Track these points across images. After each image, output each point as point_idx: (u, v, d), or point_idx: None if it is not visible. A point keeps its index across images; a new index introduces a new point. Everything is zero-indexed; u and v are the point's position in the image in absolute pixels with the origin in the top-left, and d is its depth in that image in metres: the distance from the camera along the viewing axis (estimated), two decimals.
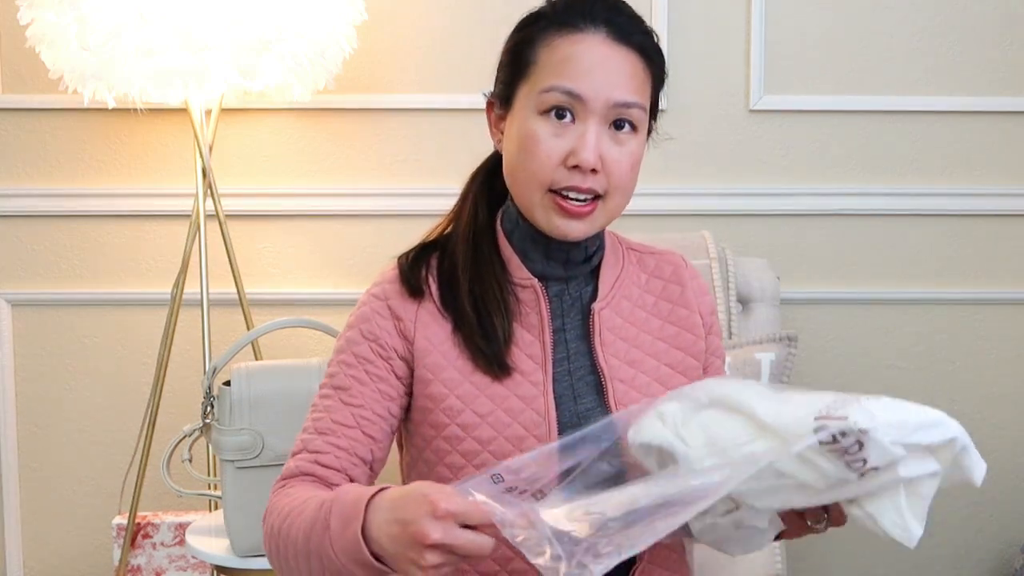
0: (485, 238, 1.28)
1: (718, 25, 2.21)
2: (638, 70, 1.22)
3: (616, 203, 1.23)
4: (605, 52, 1.20)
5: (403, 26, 2.19)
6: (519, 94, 1.23)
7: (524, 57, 1.23)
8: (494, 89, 1.29)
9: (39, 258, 2.23)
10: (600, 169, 1.19)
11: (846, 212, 2.24)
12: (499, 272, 1.26)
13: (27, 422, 2.25)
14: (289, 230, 2.23)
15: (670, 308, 1.32)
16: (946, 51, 2.22)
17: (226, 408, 1.71)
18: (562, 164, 1.19)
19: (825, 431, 0.94)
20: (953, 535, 2.31)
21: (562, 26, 1.21)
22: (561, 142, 1.19)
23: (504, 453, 1.21)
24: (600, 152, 1.19)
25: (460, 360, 1.23)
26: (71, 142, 2.21)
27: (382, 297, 1.27)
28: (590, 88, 1.18)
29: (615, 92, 1.19)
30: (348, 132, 2.21)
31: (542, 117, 1.20)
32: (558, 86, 1.18)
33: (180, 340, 2.12)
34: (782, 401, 1.03)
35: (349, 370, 1.25)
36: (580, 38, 1.20)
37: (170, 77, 1.81)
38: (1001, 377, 2.29)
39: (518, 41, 1.25)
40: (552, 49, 1.21)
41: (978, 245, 2.26)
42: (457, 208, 1.32)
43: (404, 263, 1.29)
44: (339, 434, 1.22)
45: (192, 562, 2.07)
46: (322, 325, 1.87)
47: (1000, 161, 2.25)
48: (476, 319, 1.23)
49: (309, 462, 1.21)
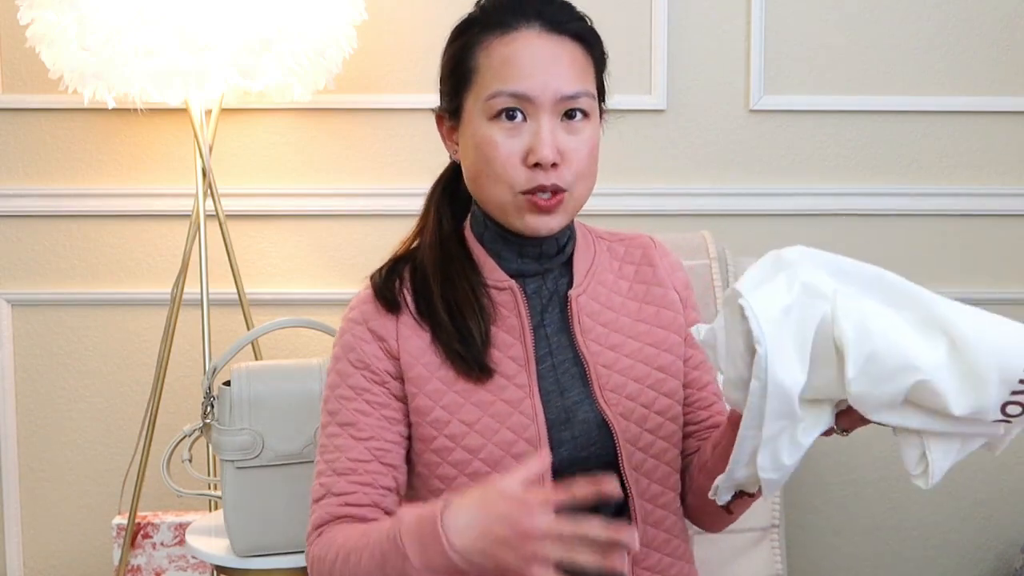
0: (452, 243, 1.28)
1: (718, 25, 2.21)
2: (578, 57, 1.22)
3: (580, 192, 1.24)
4: (542, 46, 1.20)
5: (403, 26, 2.19)
6: (466, 104, 1.23)
7: (464, 66, 1.23)
8: (440, 103, 1.29)
9: (39, 258, 2.23)
10: (560, 162, 1.19)
11: (846, 212, 2.24)
12: (470, 274, 1.26)
13: (27, 422, 2.25)
14: (289, 230, 2.23)
15: (645, 289, 1.32)
16: (946, 51, 2.22)
17: (226, 408, 1.71)
18: (523, 164, 1.19)
19: None
20: (953, 535, 2.31)
21: (496, 27, 1.21)
22: (517, 142, 1.19)
23: (495, 460, 1.21)
24: (557, 145, 1.19)
25: (442, 370, 1.23)
26: (71, 142, 2.21)
27: (360, 321, 1.27)
28: (535, 86, 1.18)
29: (561, 85, 1.19)
30: (348, 132, 2.21)
31: (493, 122, 1.20)
32: (503, 90, 1.19)
33: (180, 340, 2.12)
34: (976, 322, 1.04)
35: (350, 404, 1.25)
36: (515, 36, 1.20)
37: (170, 77, 1.81)
38: None
39: (455, 51, 1.25)
40: (490, 53, 1.21)
41: (978, 245, 2.26)
42: (421, 221, 1.33)
43: (377, 279, 1.29)
44: (359, 471, 1.22)
45: (192, 562, 2.07)
46: (322, 325, 1.86)
47: (1000, 161, 2.25)
48: (451, 323, 1.23)
49: (338, 505, 1.21)
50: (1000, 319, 1.05)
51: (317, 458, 1.27)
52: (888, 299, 1.05)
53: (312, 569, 1.21)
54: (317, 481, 1.25)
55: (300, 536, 1.70)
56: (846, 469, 2.28)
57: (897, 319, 1.03)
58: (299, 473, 1.70)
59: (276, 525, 1.70)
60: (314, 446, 1.69)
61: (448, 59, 1.27)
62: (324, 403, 1.28)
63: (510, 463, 1.20)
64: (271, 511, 1.70)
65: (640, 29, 2.19)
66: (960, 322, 1.02)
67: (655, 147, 2.22)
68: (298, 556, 1.72)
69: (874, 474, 2.28)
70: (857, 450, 2.27)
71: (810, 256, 1.06)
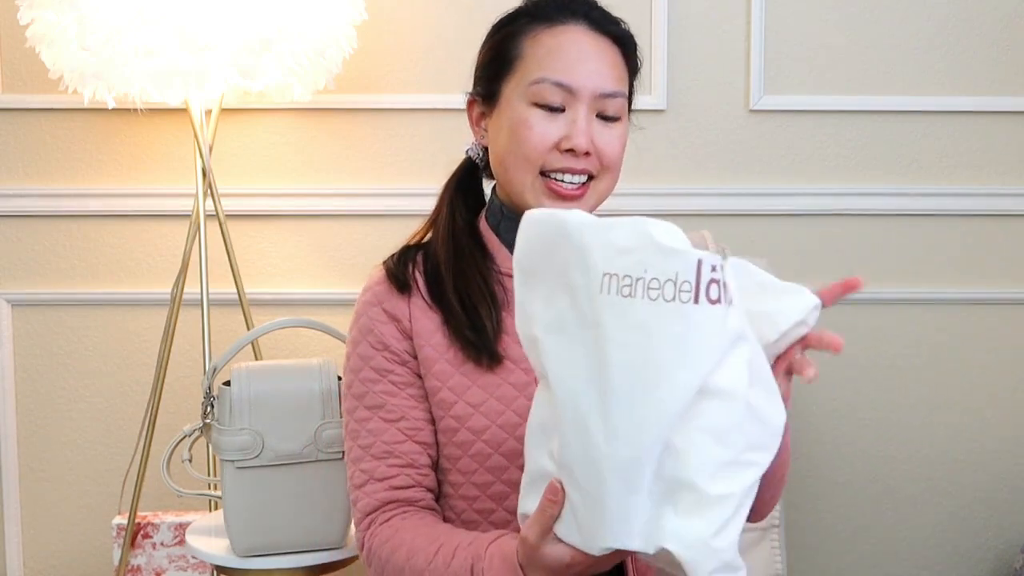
0: (465, 237, 1.31)
1: (718, 25, 2.21)
2: (618, 60, 1.27)
3: (606, 184, 1.28)
4: (588, 42, 1.24)
5: (403, 26, 2.19)
6: (505, 89, 1.26)
7: (508, 53, 1.26)
8: (474, 88, 1.33)
9: (39, 258, 2.23)
10: (592, 152, 1.23)
11: (846, 212, 2.24)
12: (482, 265, 1.28)
13: (27, 422, 2.25)
14: (289, 230, 2.23)
15: None
16: (946, 51, 2.22)
17: (226, 408, 1.71)
18: (555, 148, 1.23)
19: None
20: (953, 535, 2.31)
21: (544, 20, 1.25)
22: (553, 127, 1.22)
23: (498, 442, 1.22)
24: (591, 136, 1.23)
25: (451, 352, 1.25)
26: (71, 142, 2.21)
27: (375, 302, 1.29)
28: (578, 79, 1.22)
29: (601, 83, 1.24)
30: (348, 132, 2.21)
31: (533, 107, 1.23)
32: (547, 77, 1.22)
33: (180, 340, 2.12)
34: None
35: (376, 386, 1.27)
36: (563, 29, 1.24)
37: (170, 77, 1.81)
38: (1001, 377, 2.29)
39: (500, 39, 1.29)
40: (537, 42, 1.24)
41: (979, 245, 2.26)
42: (434, 214, 1.35)
43: (390, 262, 1.32)
44: (396, 453, 1.24)
45: (192, 562, 2.07)
46: (322, 325, 1.86)
47: (1000, 161, 2.25)
48: (464, 312, 1.25)
49: (385, 491, 1.24)
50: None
51: (348, 443, 1.28)
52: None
53: (368, 559, 1.23)
54: (356, 467, 1.26)
55: (300, 536, 1.71)
56: (846, 469, 2.28)
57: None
58: (299, 473, 1.70)
59: (276, 525, 1.70)
60: (314, 446, 1.69)
61: (491, 46, 1.30)
62: (347, 388, 1.29)
63: (513, 445, 1.22)
64: (271, 511, 1.70)
65: (640, 29, 2.16)
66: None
67: (655, 147, 2.22)
68: (298, 556, 1.72)
69: (874, 474, 2.28)
70: (857, 450, 2.27)
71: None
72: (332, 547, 1.73)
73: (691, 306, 0.92)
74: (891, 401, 2.27)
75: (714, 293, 0.92)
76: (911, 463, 2.28)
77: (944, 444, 2.28)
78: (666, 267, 0.93)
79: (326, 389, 1.71)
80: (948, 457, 2.29)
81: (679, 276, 0.92)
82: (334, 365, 1.73)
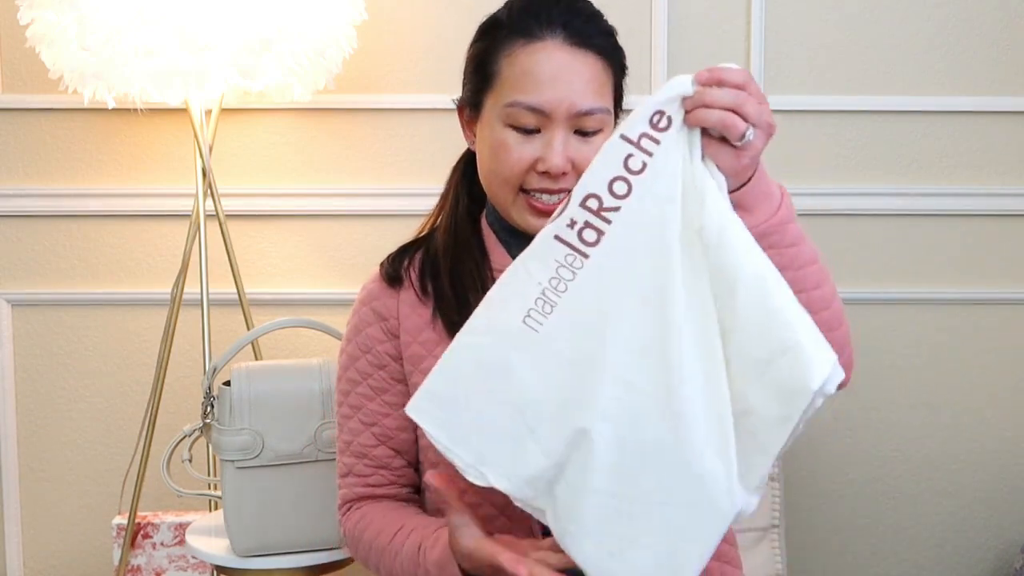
0: (466, 227, 1.32)
1: (718, 25, 2.21)
2: (597, 73, 1.23)
3: None
4: (564, 59, 1.21)
5: (403, 26, 2.19)
6: (486, 103, 1.26)
7: (486, 68, 1.25)
8: (462, 95, 1.32)
9: (39, 258, 2.23)
10: (570, 171, 1.21)
11: (846, 212, 2.24)
12: (479, 257, 1.30)
13: (27, 422, 2.25)
14: (289, 230, 2.23)
15: None
16: (946, 51, 2.22)
17: (226, 408, 1.71)
18: (532, 169, 1.22)
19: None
20: (953, 535, 2.31)
21: (521, 34, 1.22)
22: (529, 148, 1.21)
23: None
24: (568, 155, 1.21)
25: (440, 347, 1.25)
26: (71, 142, 2.21)
27: (367, 301, 1.33)
28: (551, 100, 1.20)
29: (578, 100, 1.20)
30: (348, 132, 2.21)
31: (508, 128, 1.22)
32: (520, 101, 1.21)
33: (180, 340, 2.12)
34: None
35: (357, 388, 1.32)
36: (539, 47, 1.21)
37: (170, 77, 1.81)
38: (1001, 377, 2.29)
39: (480, 51, 1.28)
40: (512, 60, 1.22)
41: (979, 245, 2.26)
42: (441, 201, 1.37)
43: (386, 259, 1.35)
44: (370, 456, 1.31)
45: (192, 562, 2.07)
46: (322, 325, 1.86)
47: (1000, 161, 2.25)
48: (454, 297, 1.27)
49: (361, 486, 1.32)
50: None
51: (336, 431, 1.36)
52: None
53: (347, 541, 1.34)
54: (340, 457, 1.35)
55: (300, 536, 1.71)
56: (846, 469, 2.28)
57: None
58: (299, 473, 1.70)
59: (276, 525, 1.70)
60: (314, 446, 1.70)
61: (472, 57, 1.30)
62: (337, 380, 1.36)
63: None
64: (271, 511, 1.70)
65: (640, 29, 2.19)
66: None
67: None
68: (298, 556, 1.72)
69: (874, 474, 2.28)
70: (857, 450, 2.27)
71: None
72: (332, 547, 1.73)
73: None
74: (891, 401, 2.26)
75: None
76: (911, 463, 2.28)
77: (944, 444, 2.28)
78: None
79: (326, 389, 1.71)
80: (948, 457, 2.28)
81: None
82: (334, 365, 1.73)
